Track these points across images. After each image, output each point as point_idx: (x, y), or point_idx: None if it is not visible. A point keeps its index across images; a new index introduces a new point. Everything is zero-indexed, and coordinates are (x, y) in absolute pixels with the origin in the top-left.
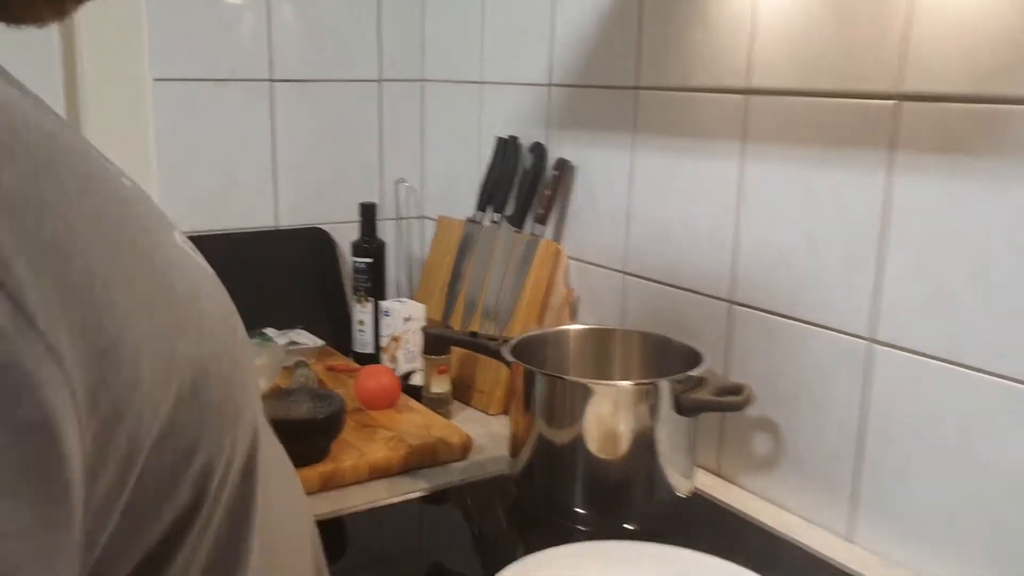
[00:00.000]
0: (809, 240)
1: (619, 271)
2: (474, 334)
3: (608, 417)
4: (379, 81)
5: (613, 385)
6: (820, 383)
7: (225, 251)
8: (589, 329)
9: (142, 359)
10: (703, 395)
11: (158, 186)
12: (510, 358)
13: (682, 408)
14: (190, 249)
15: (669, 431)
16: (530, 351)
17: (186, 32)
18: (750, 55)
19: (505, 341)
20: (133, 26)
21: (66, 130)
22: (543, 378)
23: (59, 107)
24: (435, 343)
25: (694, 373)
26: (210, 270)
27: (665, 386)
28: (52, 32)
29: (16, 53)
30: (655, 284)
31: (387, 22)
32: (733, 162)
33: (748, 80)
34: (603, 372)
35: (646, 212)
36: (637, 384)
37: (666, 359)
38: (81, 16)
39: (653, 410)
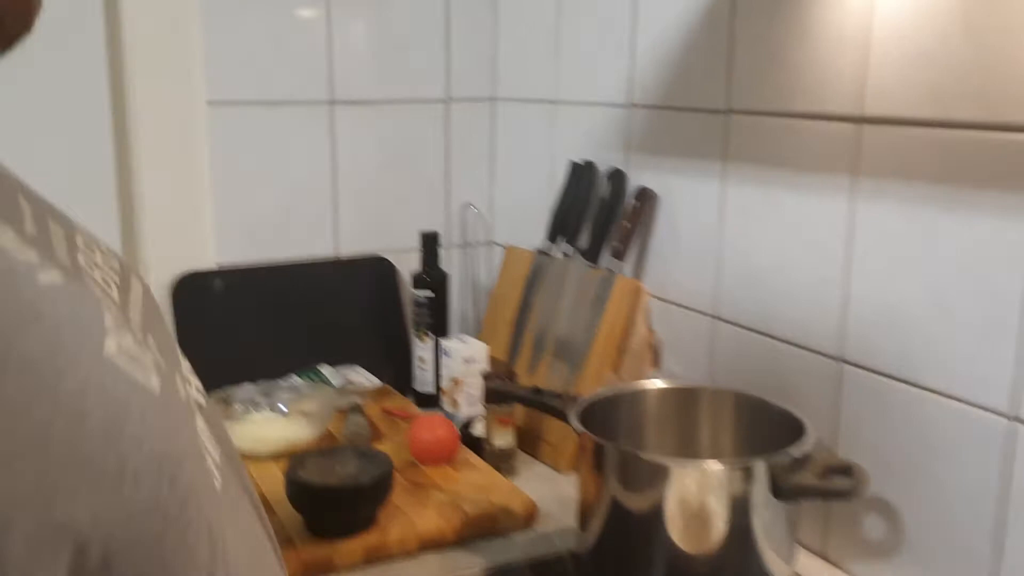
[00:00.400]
0: (934, 294)
1: (708, 315)
2: (538, 390)
3: (693, 500)
4: (446, 101)
5: (700, 467)
6: (946, 462)
7: (282, 283)
8: (671, 389)
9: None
10: (807, 479)
11: (212, 215)
12: (578, 426)
13: (781, 493)
14: (128, 362)
15: (766, 518)
16: (602, 412)
17: (241, 52)
18: (864, 77)
19: (573, 399)
20: (186, 46)
21: None
22: (616, 451)
23: (106, 132)
24: (493, 395)
25: (797, 453)
26: (155, 390)
27: (762, 468)
28: (99, 53)
29: (61, 75)
30: (749, 332)
31: (456, 37)
32: (842, 199)
33: (861, 107)
34: (688, 440)
35: (739, 250)
36: (729, 466)
37: (762, 426)
38: (130, 36)
39: (747, 495)
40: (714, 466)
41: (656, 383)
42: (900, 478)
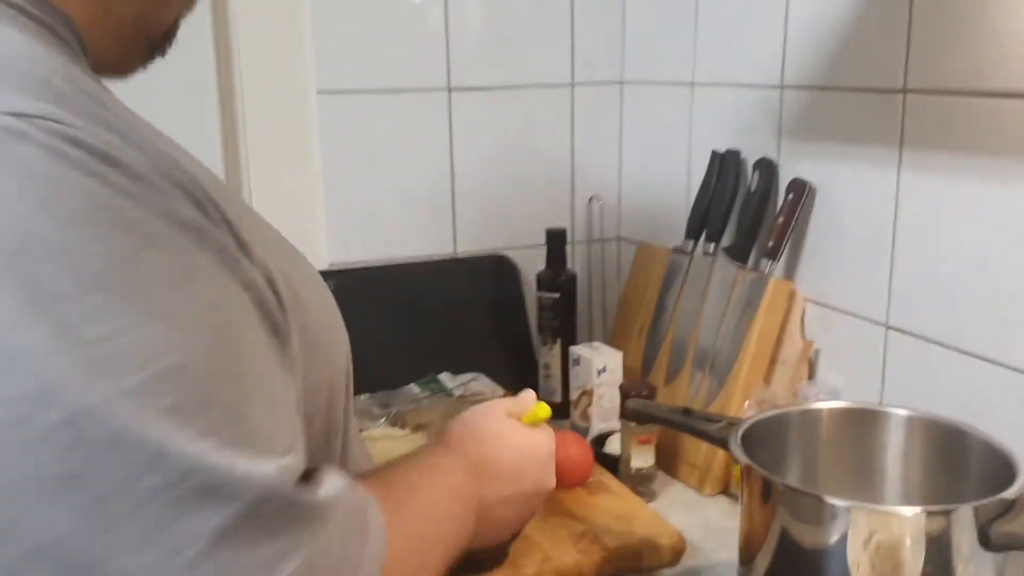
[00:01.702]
0: None
1: (879, 323)
2: (687, 411)
3: (884, 551)
4: (571, 85)
5: (891, 513)
6: None
7: (398, 283)
8: (849, 409)
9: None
10: (1022, 526)
11: (324, 212)
12: (743, 458)
13: (992, 545)
14: None
15: (970, 571)
16: (766, 436)
17: (354, 39)
18: None
19: (731, 425)
20: (295, 34)
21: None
22: (791, 493)
23: (213, 128)
24: (636, 416)
25: (1010, 495)
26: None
27: (968, 514)
28: (206, 41)
29: (168, 67)
30: (932, 344)
31: (581, 16)
32: None
33: None
34: (868, 472)
35: (920, 249)
36: (928, 513)
37: (958, 458)
38: (239, 24)
39: (949, 544)
40: (908, 513)
41: (829, 403)
42: None
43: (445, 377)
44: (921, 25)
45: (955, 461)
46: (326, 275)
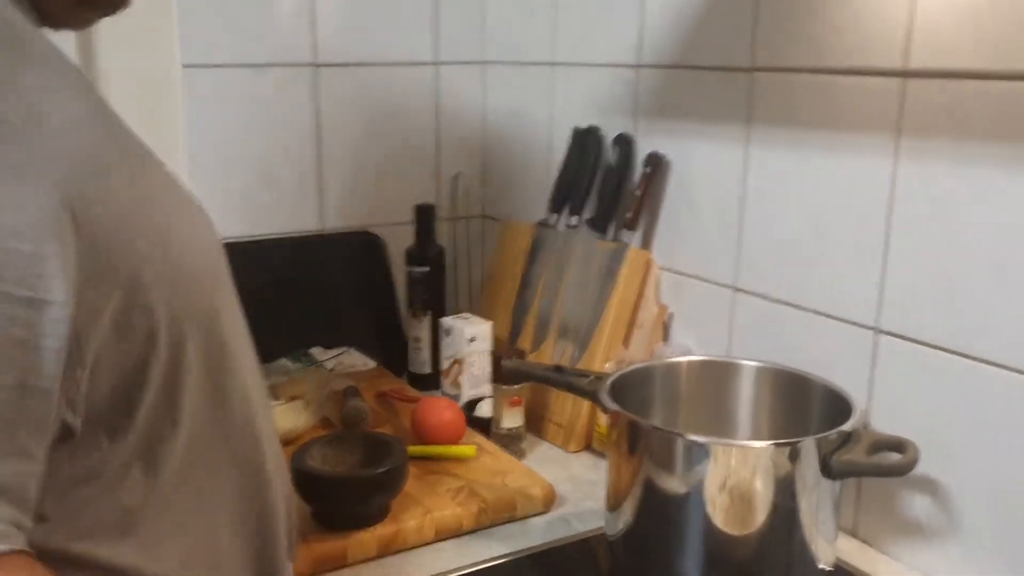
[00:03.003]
0: (988, 260)
1: (727, 286)
2: (560, 368)
3: (739, 483)
4: (435, 64)
5: (746, 447)
6: (1002, 437)
7: (265, 260)
8: (705, 361)
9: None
10: (858, 455)
11: (189, 187)
12: (611, 405)
13: (832, 472)
14: None
15: (813, 498)
16: (631, 389)
17: (220, 13)
18: (910, 27)
19: (599, 379)
20: (161, 7)
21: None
22: (656, 434)
23: None
24: (511, 376)
25: (848, 428)
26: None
27: (811, 446)
28: None
29: None
30: (775, 304)
31: None
32: (884, 161)
33: (906, 60)
34: (724, 419)
35: (765, 218)
36: (777, 445)
37: (804, 403)
38: None
39: (795, 475)
40: (760, 445)
41: (687, 357)
42: (945, 453)
43: (316, 351)
44: (766, 9)
45: (800, 405)
46: None
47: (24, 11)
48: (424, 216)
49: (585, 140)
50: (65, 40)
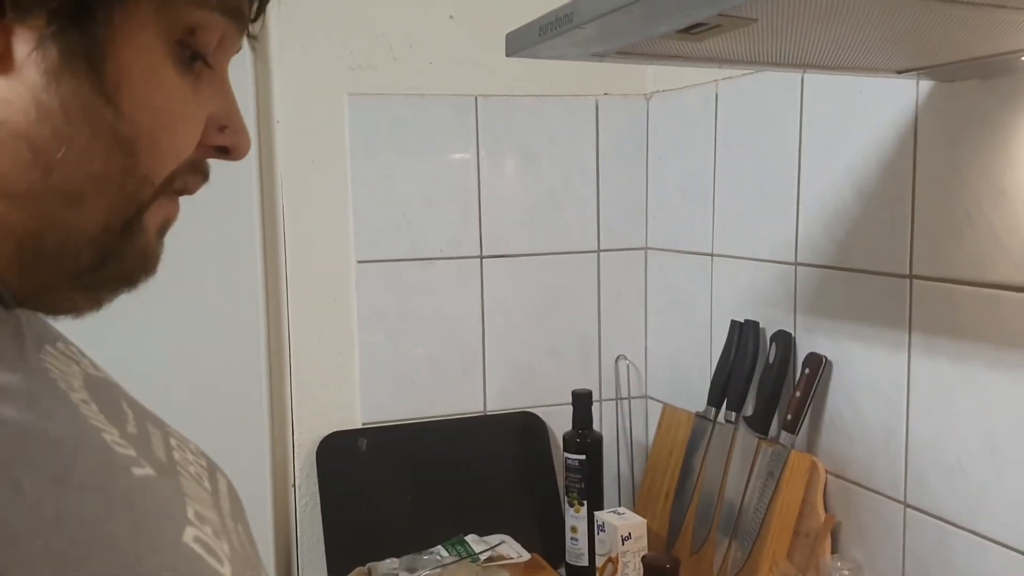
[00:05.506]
0: None
1: (897, 500)
2: None
3: None
4: (598, 252)
5: None
6: None
7: (428, 440)
8: None
9: None
10: None
11: (359, 371)
12: None
13: None
14: (203, 549)
15: None
16: None
17: (390, 211)
18: None
19: None
20: (338, 208)
21: (60, 423)
22: None
23: (258, 297)
24: None
25: None
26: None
27: None
28: (252, 213)
29: (217, 239)
30: (948, 527)
31: (606, 186)
32: None
33: None
34: None
35: (932, 430)
36: None
37: None
38: (284, 199)
39: None
40: None
41: None
42: None
43: (472, 539)
44: (924, 216)
45: None
46: (359, 433)
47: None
48: (581, 402)
49: (743, 333)
50: (249, 234)
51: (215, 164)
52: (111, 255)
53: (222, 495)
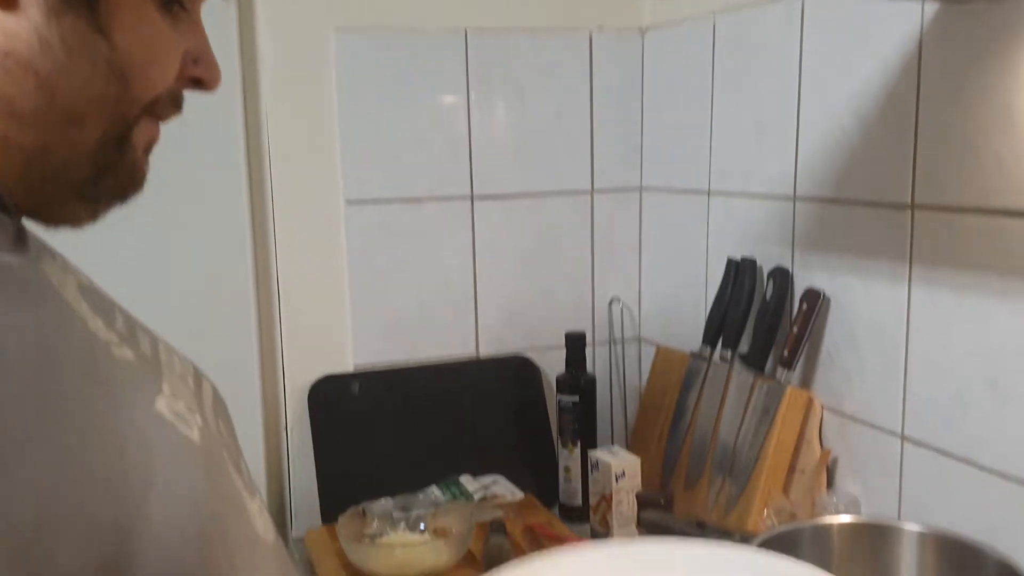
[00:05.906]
0: None
1: (895, 434)
2: (702, 524)
3: None
4: (591, 192)
5: None
6: None
7: (420, 384)
8: (861, 524)
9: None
10: None
11: (350, 314)
12: None
13: None
14: (174, 418)
15: None
16: (778, 551)
17: (379, 150)
18: None
19: (744, 540)
20: (325, 147)
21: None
22: None
23: (245, 238)
24: (650, 529)
25: None
26: (196, 441)
27: None
28: (238, 150)
29: (202, 180)
30: (947, 459)
31: (600, 125)
32: None
33: None
34: None
35: (933, 364)
36: None
37: None
38: (274, 140)
39: None
40: None
41: (842, 518)
42: None
43: (466, 479)
44: (927, 144)
45: None
46: (351, 377)
47: (8, 225)
48: (574, 344)
49: (740, 271)
50: (236, 175)
51: (200, 108)
52: (107, 168)
53: (205, 394)
